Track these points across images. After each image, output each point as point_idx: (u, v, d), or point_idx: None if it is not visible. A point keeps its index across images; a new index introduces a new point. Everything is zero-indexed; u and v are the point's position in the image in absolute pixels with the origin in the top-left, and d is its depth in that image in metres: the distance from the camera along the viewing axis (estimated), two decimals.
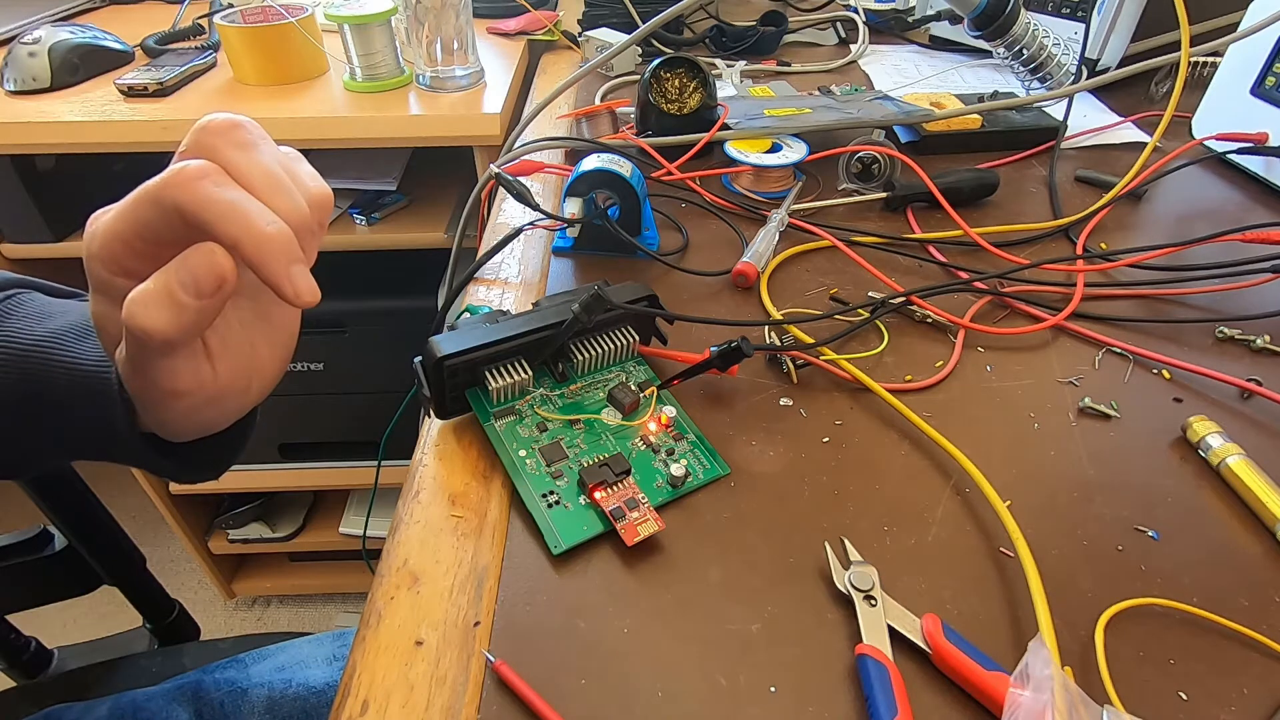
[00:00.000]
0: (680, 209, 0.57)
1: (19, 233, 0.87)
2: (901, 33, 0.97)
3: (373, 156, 0.97)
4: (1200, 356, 0.43)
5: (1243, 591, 0.31)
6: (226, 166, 0.24)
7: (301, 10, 0.81)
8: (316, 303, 0.24)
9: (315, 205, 0.26)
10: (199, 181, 0.23)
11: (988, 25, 0.69)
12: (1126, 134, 0.70)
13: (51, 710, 0.53)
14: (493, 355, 0.36)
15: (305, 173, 0.27)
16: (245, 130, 0.25)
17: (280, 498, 1.27)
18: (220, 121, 0.25)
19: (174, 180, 0.23)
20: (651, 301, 0.40)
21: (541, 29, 0.96)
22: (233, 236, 0.23)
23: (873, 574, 0.30)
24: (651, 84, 0.62)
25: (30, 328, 0.33)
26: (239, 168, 0.24)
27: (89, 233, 0.25)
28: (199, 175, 0.23)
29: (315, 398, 1.07)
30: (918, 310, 0.46)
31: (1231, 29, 0.62)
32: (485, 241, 0.54)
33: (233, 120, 0.25)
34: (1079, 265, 0.49)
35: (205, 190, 0.23)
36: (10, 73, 0.79)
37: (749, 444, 0.37)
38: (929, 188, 0.55)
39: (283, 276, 0.23)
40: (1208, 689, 0.28)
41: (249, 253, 0.23)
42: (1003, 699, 0.25)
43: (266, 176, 0.24)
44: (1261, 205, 0.59)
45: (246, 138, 0.25)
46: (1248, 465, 0.35)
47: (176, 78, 0.80)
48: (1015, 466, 0.36)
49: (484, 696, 0.27)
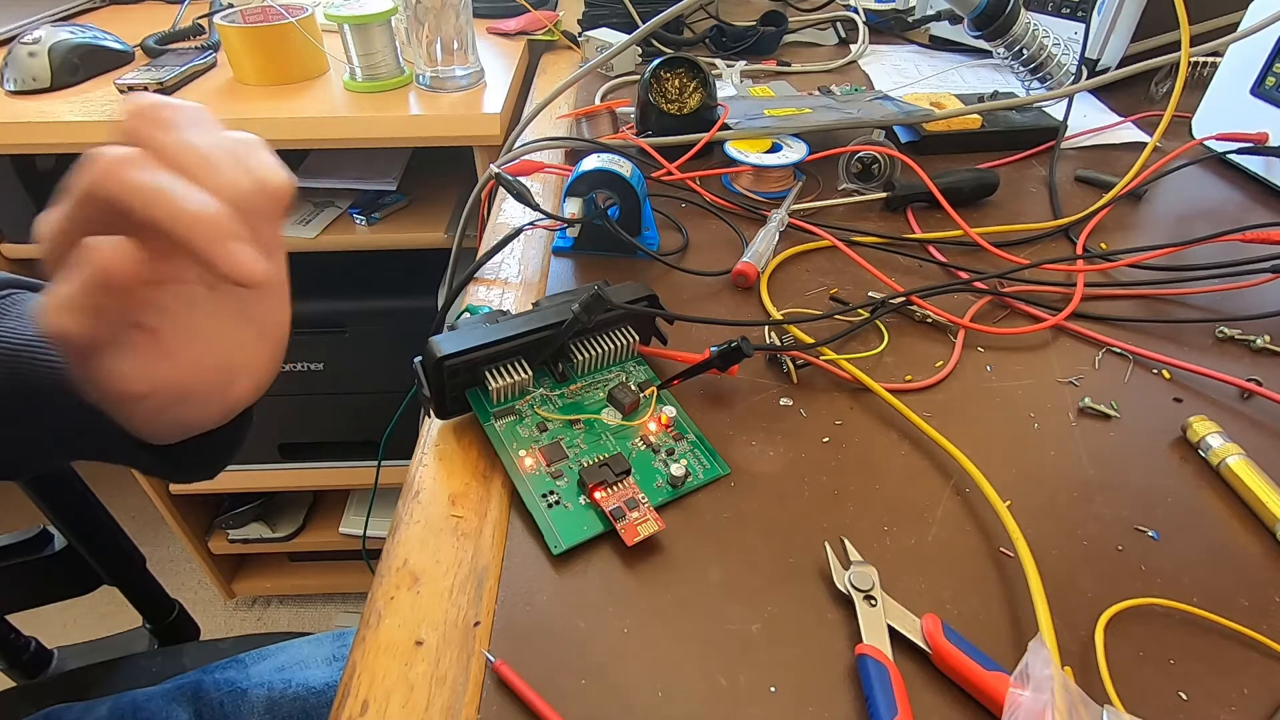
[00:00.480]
0: (680, 209, 0.57)
1: (19, 233, 0.87)
2: (901, 33, 0.97)
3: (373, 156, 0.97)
4: (1200, 356, 0.43)
5: (1243, 591, 0.31)
6: (155, 150, 0.23)
7: (301, 10, 0.81)
8: (262, 280, 0.23)
9: (266, 189, 0.25)
10: (121, 169, 0.22)
11: (988, 25, 0.69)
12: (1126, 134, 0.70)
13: (51, 710, 0.53)
14: (493, 355, 0.36)
15: (259, 157, 0.25)
16: (172, 111, 0.24)
17: (280, 498, 1.27)
18: (145, 104, 0.24)
19: (98, 171, 0.22)
20: (651, 301, 0.40)
21: (541, 29, 0.96)
22: (158, 220, 0.22)
23: (873, 574, 0.30)
24: (651, 84, 0.62)
25: (21, 328, 0.33)
26: (167, 149, 0.23)
27: (38, 237, 0.25)
28: (120, 163, 0.22)
29: (315, 398, 1.07)
30: (918, 310, 0.46)
31: (1231, 29, 0.62)
32: (485, 241, 0.54)
33: (158, 102, 0.24)
34: (1079, 265, 0.49)
35: (128, 177, 0.22)
36: (10, 73, 0.79)
37: (749, 444, 0.37)
38: (929, 188, 0.55)
39: (217, 255, 0.22)
40: (1208, 689, 0.28)
41: (179, 234, 0.22)
42: (1003, 699, 0.25)
43: (196, 156, 0.23)
44: (1261, 205, 0.59)
45: (173, 117, 0.24)
46: (1248, 465, 0.35)
47: (176, 78, 0.80)
48: (1015, 466, 0.36)
49: (484, 696, 0.27)
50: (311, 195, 0.97)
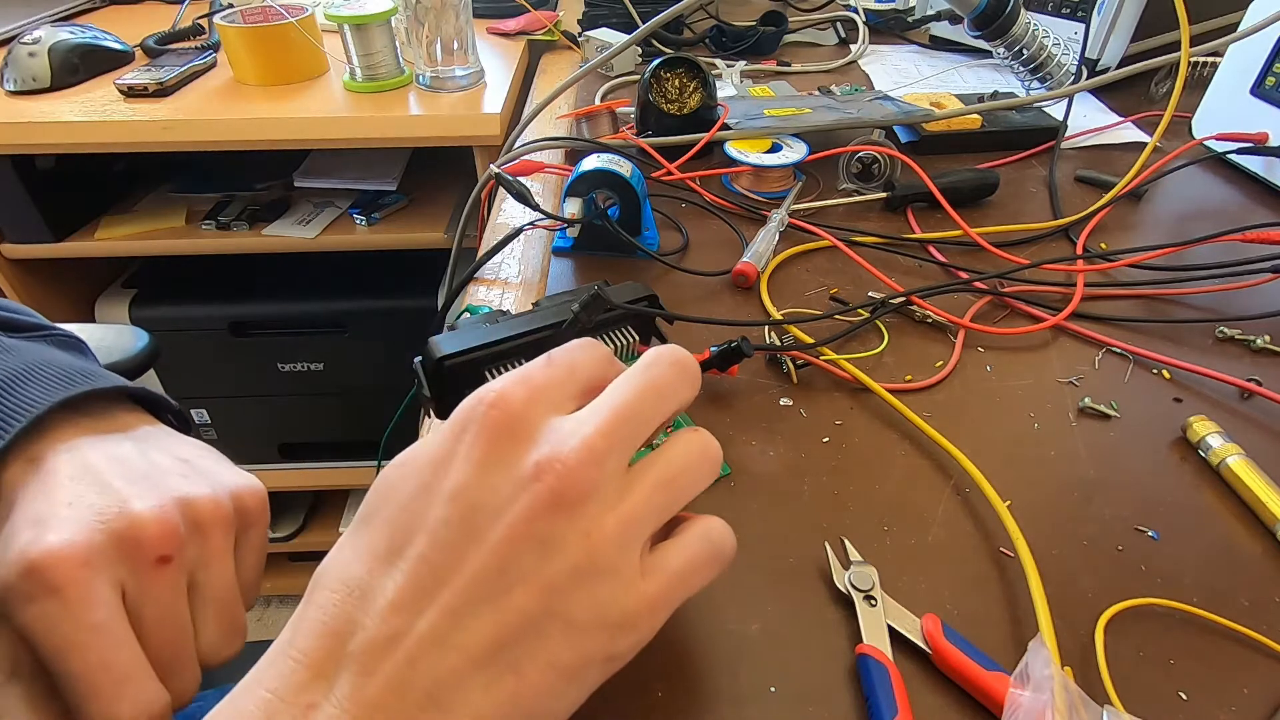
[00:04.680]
0: (680, 209, 0.57)
1: (19, 233, 0.87)
2: (901, 33, 0.97)
3: (373, 156, 0.98)
4: (1200, 356, 0.43)
5: (1243, 591, 0.31)
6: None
7: (301, 10, 0.81)
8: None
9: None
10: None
11: (988, 25, 0.69)
12: (1126, 134, 0.70)
13: None
14: (493, 355, 0.36)
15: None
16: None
17: (280, 498, 1.27)
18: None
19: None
20: (651, 301, 0.40)
21: (541, 29, 0.96)
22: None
23: (873, 574, 0.30)
24: (651, 84, 0.62)
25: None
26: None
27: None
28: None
29: (315, 398, 1.07)
30: (918, 310, 0.46)
31: (1231, 29, 0.62)
32: (485, 241, 0.54)
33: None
34: (1079, 265, 0.49)
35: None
36: (10, 73, 0.79)
37: (749, 444, 0.37)
38: (929, 188, 0.55)
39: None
40: (1208, 689, 0.28)
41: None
42: (1003, 699, 0.25)
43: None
44: (1261, 205, 0.59)
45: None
46: (1248, 465, 0.35)
47: (176, 78, 0.80)
48: (1015, 466, 0.36)
49: None
50: (311, 195, 0.97)
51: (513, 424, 0.21)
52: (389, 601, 0.19)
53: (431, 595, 0.19)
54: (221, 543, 0.27)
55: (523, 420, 0.21)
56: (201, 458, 0.30)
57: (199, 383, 1.04)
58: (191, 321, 0.99)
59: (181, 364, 1.00)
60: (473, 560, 0.20)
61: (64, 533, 0.23)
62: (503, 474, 0.20)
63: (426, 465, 0.21)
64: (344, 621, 0.19)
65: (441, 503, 0.20)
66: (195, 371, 1.03)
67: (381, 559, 0.20)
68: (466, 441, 0.21)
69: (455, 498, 0.20)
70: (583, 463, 0.20)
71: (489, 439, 0.21)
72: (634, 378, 0.23)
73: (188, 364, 1.01)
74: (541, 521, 0.20)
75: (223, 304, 0.99)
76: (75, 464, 0.26)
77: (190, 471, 0.28)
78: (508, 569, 0.20)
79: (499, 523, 0.20)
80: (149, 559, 0.25)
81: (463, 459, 0.21)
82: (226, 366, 1.03)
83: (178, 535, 0.25)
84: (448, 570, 0.19)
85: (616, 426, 0.22)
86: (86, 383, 0.28)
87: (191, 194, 0.98)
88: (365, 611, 0.19)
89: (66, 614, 0.23)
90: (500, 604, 0.19)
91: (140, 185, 1.00)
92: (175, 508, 0.26)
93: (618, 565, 0.21)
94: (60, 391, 0.27)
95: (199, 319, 0.99)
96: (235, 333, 1.00)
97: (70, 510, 0.24)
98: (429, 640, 0.19)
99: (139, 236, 0.91)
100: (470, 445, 0.21)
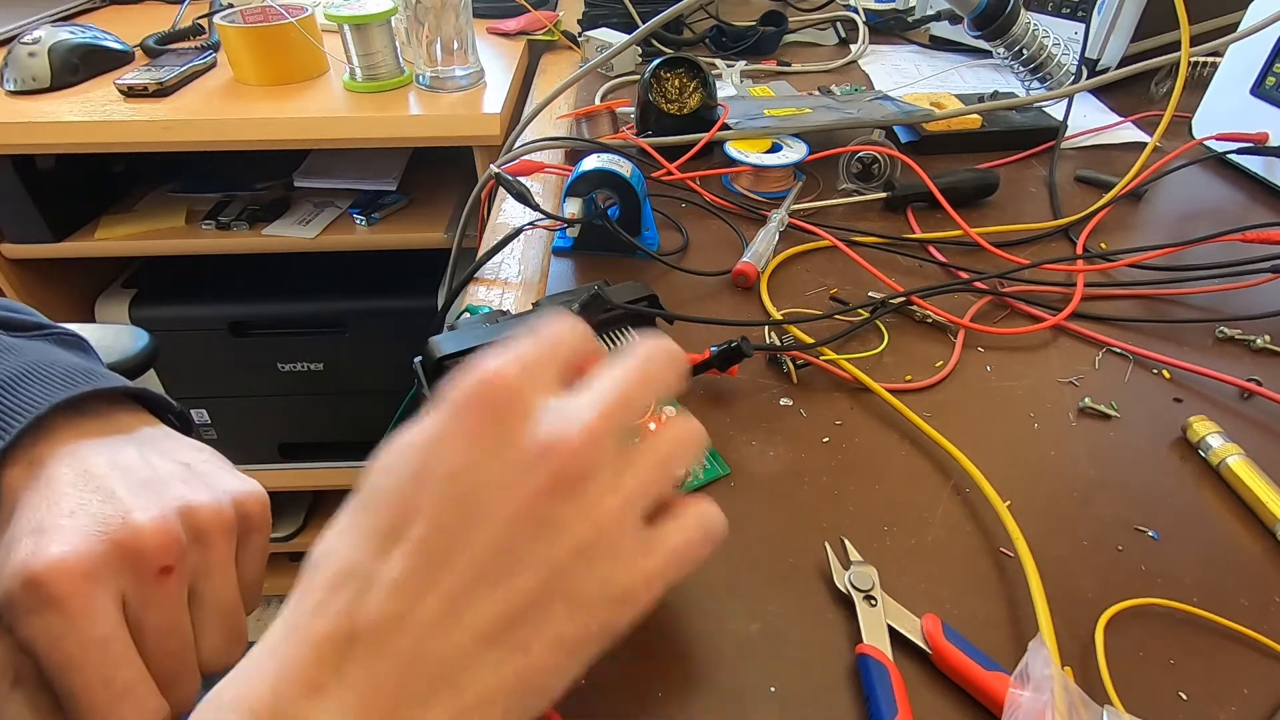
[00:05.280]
0: (680, 209, 0.57)
1: (19, 233, 0.87)
2: (901, 33, 0.97)
3: (373, 156, 0.97)
4: (1200, 356, 0.43)
5: (1243, 591, 0.31)
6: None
7: (301, 10, 0.81)
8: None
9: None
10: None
11: (988, 25, 0.69)
12: (1126, 134, 0.70)
13: None
14: None
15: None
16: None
17: (280, 498, 1.27)
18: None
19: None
20: (651, 301, 0.40)
21: (541, 29, 0.96)
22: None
23: (873, 574, 0.30)
24: (651, 84, 0.62)
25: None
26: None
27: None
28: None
29: (315, 398, 1.07)
30: (918, 310, 0.46)
31: (1231, 29, 0.62)
32: (485, 241, 0.54)
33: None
34: (1079, 265, 0.49)
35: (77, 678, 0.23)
36: (10, 73, 0.79)
37: (749, 444, 0.37)
38: (929, 188, 0.55)
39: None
40: (1208, 689, 0.28)
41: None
42: (1003, 699, 0.25)
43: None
44: (1261, 205, 0.59)
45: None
46: (1248, 465, 0.35)
47: (176, 78, 0.80)
48: (1015, 466, 0.36)
49: None
50: (311, 195, 0.97)
51: (510, 401, 0.21)
52: (393, 582, 0.19)
53: (436, 577, 0.19)
54: (223, 551, 0.27)
55: (518, 397, 0.21)
56: (203, 462, 0.30)
57: (199, 383, 1.04)
58: (191, 321, 0.99)
59: (181, 364, 1.00)
60: (476, 542, 0.20)
61: (66, 544, 0.23)
62: (503, 454, 0.20)
63: (424, 445, 0.21)
64: (348, 601, 0.19)
65: (442, 483, 0.20)
66: (195, 371, 1.02)
67: (383, 541, 0.20)
68: (464, 419, 0.21)
69: (455, 478, 0.20)
70: (586, 445, 0.21)
71: (487, 417, 0.21)
72: (630, 364, 0.24)
73: (188, 364, 1.01)
74: (544, 503, 0.20)
75: (223, 304, 0.99)
76: (77, 470, 0.26)
77: (192, 477, 0.28)
78: (513, 549, 0.20)
79: (502, 504, 0.20)
80: (151, 570, 0.25)
81: (462, 438, 0.21)
82: (226, 366, 1.03)
83: (179, 545, 0.25)
84: (451, 552, 0.20)
85: (616, 410, 0.22)
86: (88, 383, 0.28)
87: (191, 194, 0.98)
88: (370, 593, 0.19)
89: (68, 628, 0.23)
90: (507, 584, 0.20)
91: (140, 185, 1.00)
92: (177, 517, 0.26)
93: (618, 543, 0.21)
94: (62, 392, 0.27)
95: (199, 319, 0.99)
96: (235, 333, 1.00)
97: (72, 520, 0.24)
98: (436, 620, 0.19)
99: (139, 236, 0.91)
100: (468, 423, 0.21)
